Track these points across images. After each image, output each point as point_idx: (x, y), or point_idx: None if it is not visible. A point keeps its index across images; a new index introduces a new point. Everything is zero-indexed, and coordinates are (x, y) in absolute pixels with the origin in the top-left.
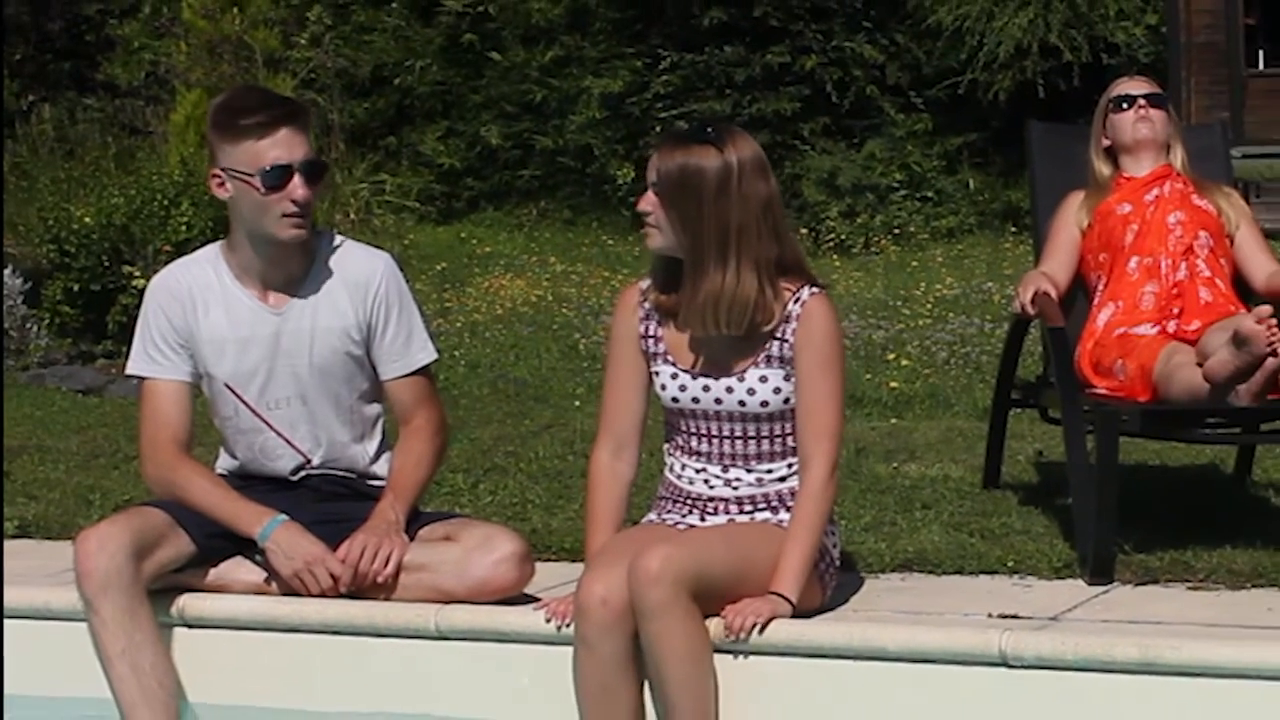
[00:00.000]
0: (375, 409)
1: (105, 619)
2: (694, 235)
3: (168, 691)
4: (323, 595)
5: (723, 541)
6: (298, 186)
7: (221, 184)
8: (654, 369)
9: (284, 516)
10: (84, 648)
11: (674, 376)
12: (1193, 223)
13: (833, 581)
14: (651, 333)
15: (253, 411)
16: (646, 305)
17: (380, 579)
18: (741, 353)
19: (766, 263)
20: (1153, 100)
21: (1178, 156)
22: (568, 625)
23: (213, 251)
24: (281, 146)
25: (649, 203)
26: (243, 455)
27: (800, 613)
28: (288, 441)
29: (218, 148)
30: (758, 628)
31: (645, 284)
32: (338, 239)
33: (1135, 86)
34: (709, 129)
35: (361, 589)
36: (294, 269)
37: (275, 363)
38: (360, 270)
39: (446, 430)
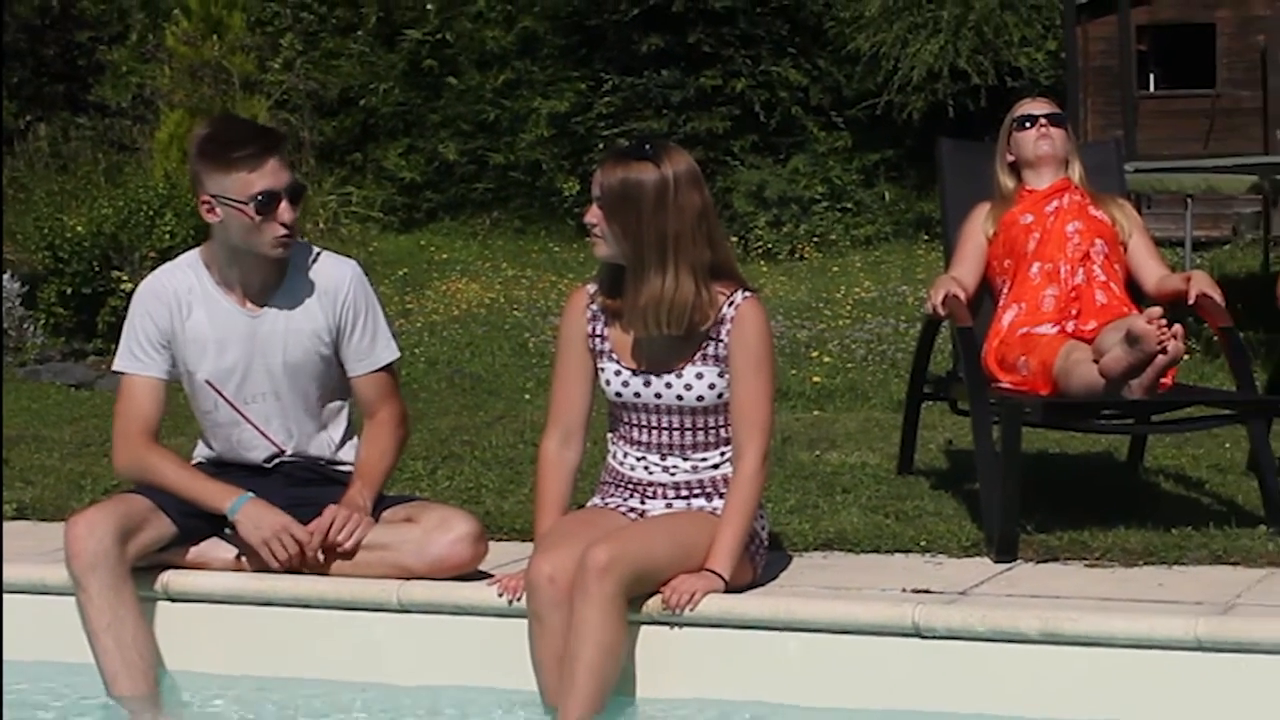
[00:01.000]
0: (342, 402)
1: (92, 596)
2: (635, 243)
3: (147, 663)
4: (291, 569)
5: (665, 534)
6: (285, 210)
7: (211, 209)
8: (599, 365)
9: (251, 494)
10: (75, 621)
11: (618, 373)
12: (1089, 232)
13: (762, 560)
14: (598, 332)
15: (231, 406)
16: (593, 307)
17: (343, 549)
18: (680, 351)
19: (702, 267)
20: (1053, 119)
21: (1075, 171)
22: (519, 600)
23: (193, 257)
24: (270, 176)
25: (594, 215)
26: (221, 446)
27: (732, 588)
28: (263, 433)
29: (207, 176)
30: (693, 602)
31: (592, 287)
32: (311, 249)
33: (1037, 107)
34: (647, 146)
35: (328, 565)
36: (270, 277)
37: (252, 361)
38: (330, 278)
39: (408, 422)
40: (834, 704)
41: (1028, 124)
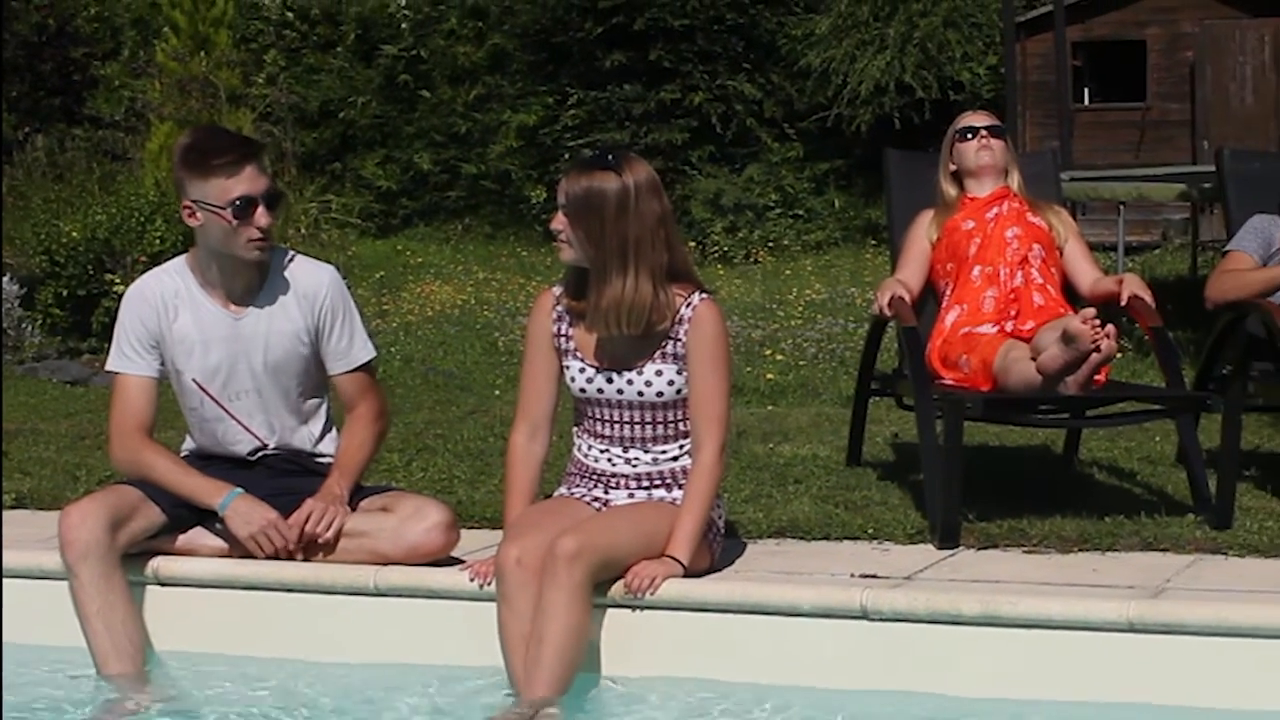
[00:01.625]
0: (321, 398)
1: (84, 582)
2: (598, 248)
3: (135, 646)
4: (276, 556)
5: (628, 523)
6: (261, 215)
7: (192, 214)
8: (565, 363)
9: (240, 489)
10: (68, 604)
11: (582, 370)
12: (1027, 237)
13: (719, 547)
14: (563, 332)
15: (216, 403)
16: (559, 308)
17: (323, 539)
18: (640, 350)
19: (660, 271)
20: (993, 131)
21: (1014, 180)
22: (489, 584)
23: (180, 263)
24: (246, 182)
25: (559, 222)
26: (207, 440)
27: (691, 573)
28: (246, 428)
29: (189, 183)
30: (654, 586)
31: (558, 290)
32: (289, 254)
33: (978, 119)
34: (610, 156)
35: (309, 552)
36: (252, 281)
37: (235, 361)
38: (309, 282)
39: (385, 417)
40: (786, 682)
41: (969, 135)
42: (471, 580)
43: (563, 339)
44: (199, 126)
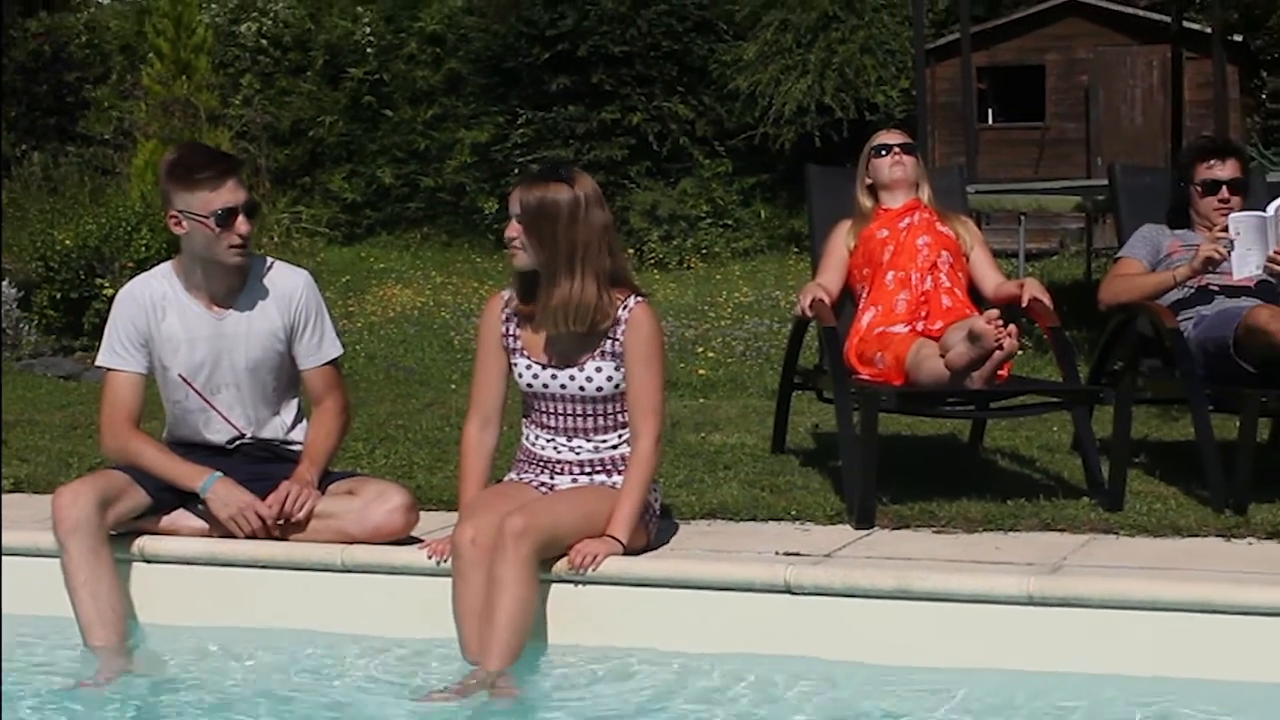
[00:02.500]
0: (294, 392)
1: (73, 556)
2: (550, 253)
3: (119, 616)
4: (253, 536)
5: (571, 505)
6: (241, 223)
7: (178, 223)
8: (513, 361)
9: (220, 474)
10: (59, 578)
11: (529, 367)
12: (937, 244)
13: (655, 527)
14: (511, 333)
15: (200, 396)
16: (507, 311)
17: (295, 521)
18: (582, 349)
19: (604, 275)
20: (905, 148)
21: (925, 192)
22: (445, 561)
23: (166, 268)
24: (227, 194)
25: (515, 230)
26: (189, 430)
27: (629, 551)
28: (226, 419)
29: (175, 195)
30: (596, 563)
31: (507, 294)
32: (268, 261)
33: (891, 137)
34: (560, 170)
35: (283, 532)
36: (233, 284)
37: (218, 358)
38: (286, 285)
39: (350, 409)
40: (716, 651)
41: (884, 152)
42: (430, 558)
43: (510, 339)
44: (184, 144)
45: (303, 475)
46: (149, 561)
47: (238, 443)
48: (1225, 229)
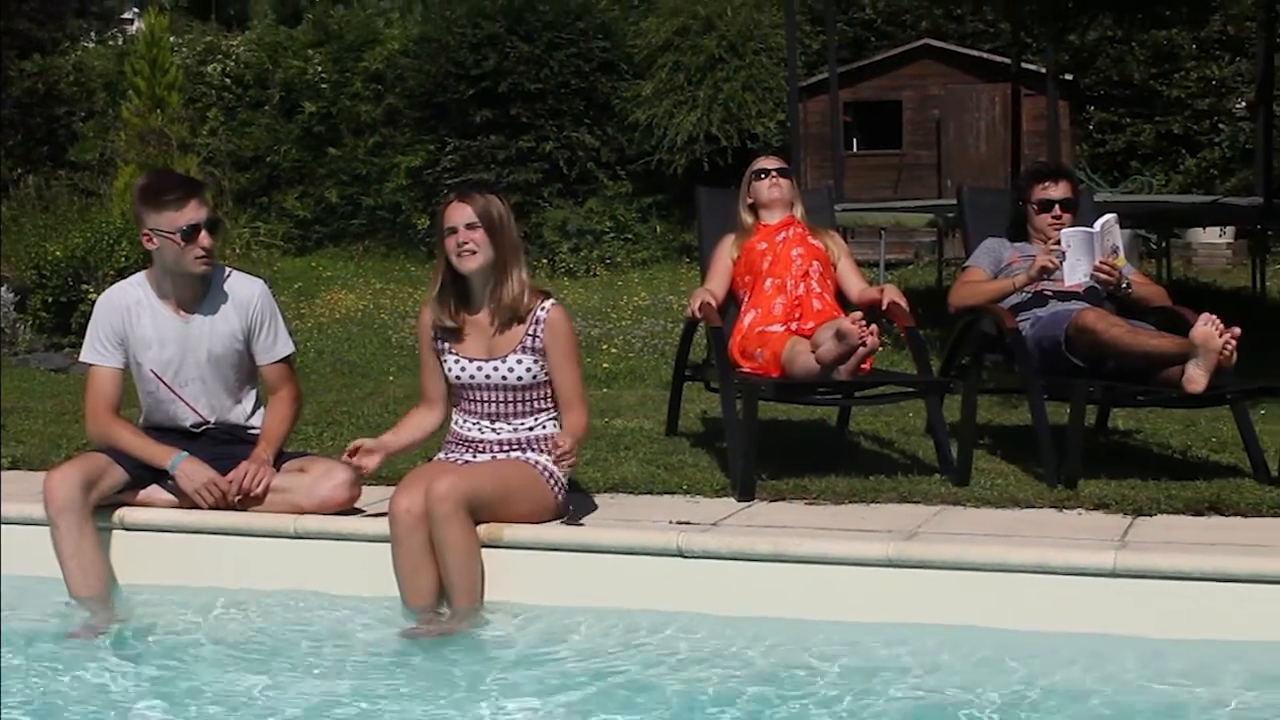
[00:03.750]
0: (252, 383)
1: (62, 531)
2: (500, 251)
3: (103, 581)
4: (215, 507)
5: (489, 473)
6: (204, 238)
7: (150, 239)
8: (443, 359)
9: (186, 454)
10: (50, 547)
11: (457, 361)
12: (809, 255)
13: (564, 498)
14: (439, 335)
15: (169, 388)
16: (434, 317)
17: (253, 494)
18: (504, 343)
19: (525, 270)
20: (781, 172)
21: (798, 210)
22: (365, 472)
23: (141, 277)
24: (191, 212)
25: (477, 235)
26: (162, 416)
27: (539, 520)
28: (192, 408)
29: (146, 215)
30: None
31: (433, 305)
32: (227, 271)
33: (769, 162)
34: (488, 184)
35: (242, 505)
36: (198, 292)
37: (185, 355)
38: (244, 293)
39: (301, 398)
40: (618, 606)
41: (763, 175)
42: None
43: (439, 341)
44: (152, 170)
45: (260, 455)
46: (128, 530)
47: (203, 427)
48: (1058, 242)
